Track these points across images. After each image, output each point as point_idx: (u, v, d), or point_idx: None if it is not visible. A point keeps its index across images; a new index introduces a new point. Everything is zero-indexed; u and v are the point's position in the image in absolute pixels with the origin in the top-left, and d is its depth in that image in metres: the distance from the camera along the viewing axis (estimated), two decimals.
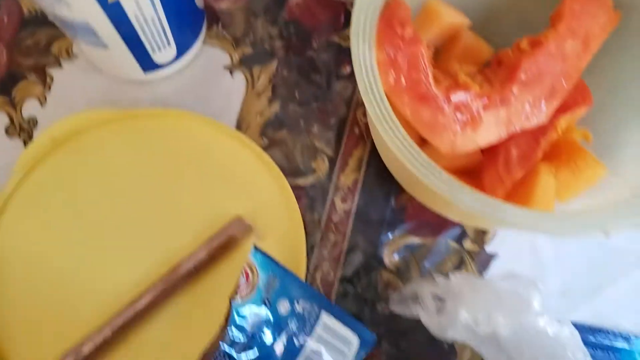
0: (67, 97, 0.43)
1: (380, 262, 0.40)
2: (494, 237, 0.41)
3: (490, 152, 0.38)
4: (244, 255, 0.38)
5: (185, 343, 0.36)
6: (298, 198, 0.41)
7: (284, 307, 0.34)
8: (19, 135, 0.41)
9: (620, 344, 0.39)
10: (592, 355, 0.38)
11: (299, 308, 0.34)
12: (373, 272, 0.39)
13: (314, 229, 0.40)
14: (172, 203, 0.39)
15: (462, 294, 0.27)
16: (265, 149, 0.42)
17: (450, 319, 0.26)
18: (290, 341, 0.34)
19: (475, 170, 0.39)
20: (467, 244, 0.41)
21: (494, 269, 0.40)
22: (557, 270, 0.40)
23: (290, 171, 0.42)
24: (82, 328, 0.35)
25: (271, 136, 0.43)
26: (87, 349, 0.34)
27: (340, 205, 0.41)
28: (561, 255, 0.41)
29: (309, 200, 0.41)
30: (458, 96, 0.34)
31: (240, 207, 0.39)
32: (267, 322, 0.33)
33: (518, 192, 0.36)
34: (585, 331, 0.39)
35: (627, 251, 0.41)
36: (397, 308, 0.32)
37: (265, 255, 0.34)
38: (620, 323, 0.39)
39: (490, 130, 0.35)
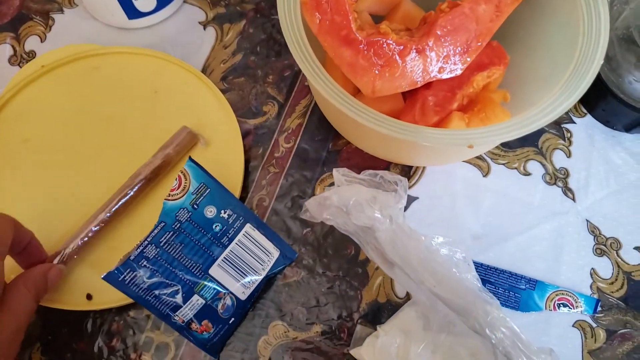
0: (63, 37, 0.50)
1: (312, 193, 0.44)
2: (417, 183, 0.45)
3: (410, 100, 0.43)
4: None
5: None
6: (247, 134, 0.46)
7: (210, 211, 0.39)
8: (19, 64, 0.49)
9: (523, 285, 0.42)
10: (494, 293, 0.42)
11: (224, 215, 0.39)
12: (304, 201, 0.44)
13: (257, 162, 0.46)
14: (139, 124, 0.45)
15: (340, 187, 0.31)
16: (224, 91, 0.48)
17: (325, 204, 0.31)
18: (213, 240, 0.39)
19: (400, 117, 0.43)
20: None
21: (413, 209, 0.44)
22: (471, 218, 0.44)
23: (243, 112, 0.47)
24: (58, 230, 0.41)
25: (230, 81, 0.49)
26: (69, 249, 0.40)
27: (283, 144, 0.46)
28: (475, 204, 0.44)
29: (257, 137, 0.46)
30: (377, 41, 0.39)
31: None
32: (192, 222, 0.38)
33: None
34: (491, 271, 0.42)
35: (540, 207, 0.45)
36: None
37: (199, 166, 0.39)
38: (525, 269, 0.43)
39: (407, 76, 0.40)
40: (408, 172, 0.46)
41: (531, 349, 0.31)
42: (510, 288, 0.42)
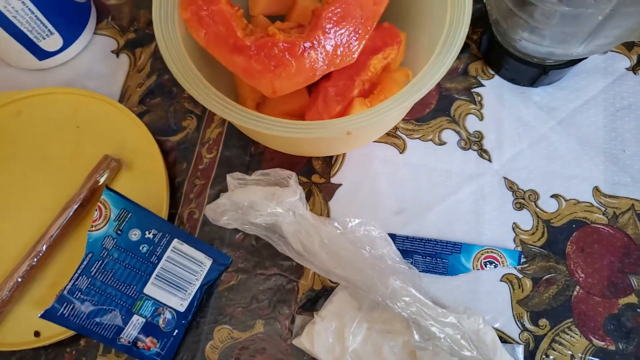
0: None
1: None
2: (339, 171, 0.47)
3: (314, 93, 0.44)
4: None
5: None
6: (170, 151, 0.48)
7: (134, 234, 0.41)
8: None
9: (449, 250, 0.44)
10: (422, 262, 0.44)
11: (149, 235, 0.41)
12: None
13: (183, 177, 0.47)
14: (65, 160, 0.47)
15: (234, 191, 0.33)
16: (143, 113, 0.49)
17: (219, 210, 0.32)
18: (142, 260, 0.40)
19: (305, 111, 0.45)
20: (315, 178, 0.47)
21: (338, 196, 0.46)
22: (392, 195, 0.46)
23: (164, 130, 0.49)
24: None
25: (148, 103, 0.50)
26: (6, 290, 0.41)
27: (206, 155, 0.48)
28: (395, 181, 0.46)
29: (180, 152, 0.48)
30: (265, 44, 0.40)
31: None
32: (119, 247, 0.40)
33: None
34: (417, 242, 0.44)
35: (458, 173, 0.46)
36: (219, 224, 0.38)
37: (117, 193, 0.41)
38: (450, 234, 0.44)
39: (302, 72, 0.41)
40: (330, 161, 0.47)
41: (437, 311, 0.33)
42: (437, 255, 0.44)
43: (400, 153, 0.47)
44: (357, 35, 0.42)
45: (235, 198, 0.32)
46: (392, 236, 0.44)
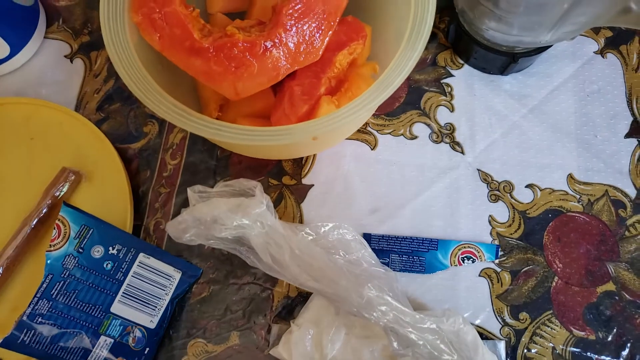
0: None
1: None
2: (310, 171, 0.45)
3: (279, 93, 0.43)
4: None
5: None
6: (132, 159, 0.46)
7: (97, 251, 0.39)
8: None
9: (425, 248, 0.43)
10: (399, 261, 0.43)
11: (113, 251, 0.39)
12: None
13: (147, 185, 0.45)
14: (21, 175, 0.45)
15: (195, 205, 0.31)
16: (102, 121, 0.47)
17: (180, 227, 0.31)
18: (107, 278, 0.39)
19: (271, 112, 0.43)
20: (286, 180, 0.45)
21: (311, 197, 0.45)
22: (366, 193, 0.45)
23: (125, 138, 0.47)
24: None
25: (107, 109, 0.48)
26: None
27: (170, 162, 0.46)
28: (368, 179, 0.45)
29: (142, 160, 0.46)
30: (224, 45, 0.38)
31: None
32: (81, 266, 0.38)
33: None
34: (393, 241, 0.43)
35: (431, 167, 0.45)
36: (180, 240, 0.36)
37: (76, 209, 0.39)
38: (426, 230, 0.44)
39: (265, 71, 0.40)
40: (300, 162, 0.46)
41: (415, 317, 0.32)
42: (414, 253, 0.43)
43: (372, 149, 0.46)
44: (320, 31, 0.40)
45: (196, 213, 0.30)
46: (368, 236, 0.43)
